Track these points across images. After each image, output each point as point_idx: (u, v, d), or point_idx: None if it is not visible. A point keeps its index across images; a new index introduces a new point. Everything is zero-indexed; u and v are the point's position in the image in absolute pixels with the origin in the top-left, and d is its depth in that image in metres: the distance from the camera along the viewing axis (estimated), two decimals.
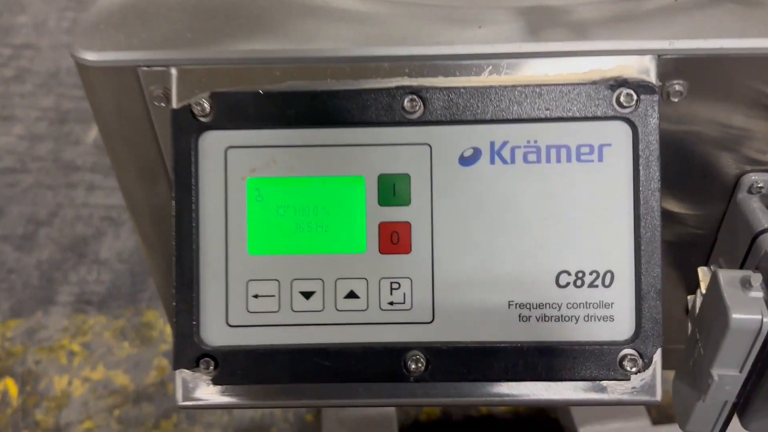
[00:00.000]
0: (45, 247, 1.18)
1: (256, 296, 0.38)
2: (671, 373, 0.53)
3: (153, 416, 0.95)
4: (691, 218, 0.46)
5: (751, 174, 0.44)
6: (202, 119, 0.37)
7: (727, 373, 0.39)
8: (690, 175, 0.44)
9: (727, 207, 0.45)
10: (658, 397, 0.39)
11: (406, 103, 0.37)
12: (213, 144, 0.38)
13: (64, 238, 1.20)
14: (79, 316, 1.07)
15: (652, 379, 0.39)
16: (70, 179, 1.29)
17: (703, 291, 0.44)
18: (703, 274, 0.45)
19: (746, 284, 0.38)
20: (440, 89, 0.37)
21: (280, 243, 0.38)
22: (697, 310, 0.44)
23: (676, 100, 0.39)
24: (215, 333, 0.38)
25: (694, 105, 0.40)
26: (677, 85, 0.39)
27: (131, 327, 1.05)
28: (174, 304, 0.37)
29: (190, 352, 0.37)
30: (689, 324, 0.46)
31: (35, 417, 0.95)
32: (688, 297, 0.48)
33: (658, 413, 0.82)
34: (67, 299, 1.09)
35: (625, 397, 0.39)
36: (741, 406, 0.42)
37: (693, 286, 0.50)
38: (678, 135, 0.41)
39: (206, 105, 0.37)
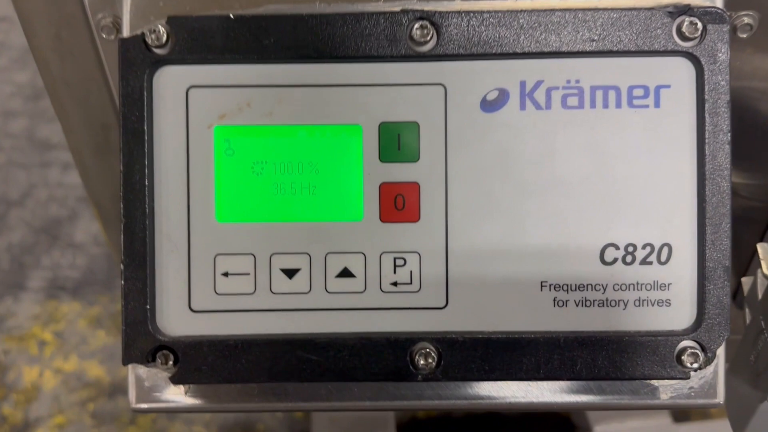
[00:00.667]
0: (16, 229, 1.14)
1: (225, 274, 0.32)
2: None
3: (129, 411, 0.90)
4: (746, 187, 0.41)
5: None
6: (158, 51, 0.31)
7: None
8: (748, 137, 0.39)
9: None
10: (721, 399, 0.33)
11: (415, 31, 0.31)
12: (171, 82, 0.31)
13: (36, 219, 1.16)
14: (52, 303, 1.04)
15: (713, 377, 0.33)
16: (44, 158, 1.25)
17: (765, 271, 0.38)
18: (764, 251, 0.39)
19: None
20: (458, 14, 0.31)
21: (256, 208, 0.32)
22: (760, 294, 0.37)
23: (744, 36, 0.34)
24: (175, 320, 0.32)
25: (763, 45, 0.35)
26: (746, 17, 0.33)
27: (107, 315, 1.01)
28: (122, 282, 0.30)
29: (143, 343, 0.31)
30: (746, 311, 0.39)
31: (2, 411, 0.91)
32: (742, 279, 0.42)
33: (679, 410, 0.76)
34: (39, 285, 1.06)
35: (681, 401, 0.33)
36: None
37: (743, 266, 0.44)
38: (738, 89, 0.36)
39: (162, 33, 0.31)
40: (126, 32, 0.31)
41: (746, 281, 0.41)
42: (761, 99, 0.37)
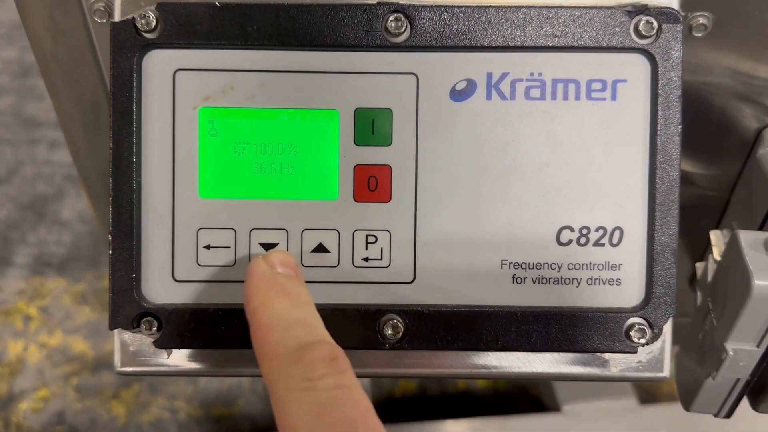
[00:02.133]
0: (2, 205, 1.13)
1: (207, 247, 0.33)
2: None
3: (113, 385, 0.92)
4: (701, 178, 0.42)
5: None
6: (147, 35, 0.32)
7: (744, 348, 0.36)
8: (703, 129, 0.40)
9: (744, 165, 0.42)
10: (667, 372, 0.35)
11: (390, 23, 0.32)
12: (159, 65, 0.33)
13: (23, 196, 1.15)
14: (37, 279, 1.04)
15: (660, 352, 0.35)
16: (31, 135, 1.24)
17: (716, 256, 0.40)
18: (716, 237, 0.41)
19: None
20: (431, 8, 0.32)
21: (238, 186, 0.33)
22: (709, 278, 0.40)
23: (699, 35, 0.35)
24: (159, 288, 0.33)
25: (717, 44, 0.36)
26: (701, 18, 0.35)
27: (92, 291, 1.01)
28: (110, 252, 0.32)
29: (128, 309, 0.32)
30: (698, 293, 0.42)
31: None
32: (696, 264, 0.44)
33: (645, 392, 0.79)
34: (25, 260, 1.06)
35: (630, 374, 0.34)
36: (753, 387, 0.38)
37: (699, 253, 0.46)
38: (693, 83, 0.38)
39: (152, 18, 0.32)
40: (117, 16, 0.32)
41: (700, 266, 0.43)
42: (716, 93, 0.38)
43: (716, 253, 0.41)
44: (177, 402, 0.90)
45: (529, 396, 0.83)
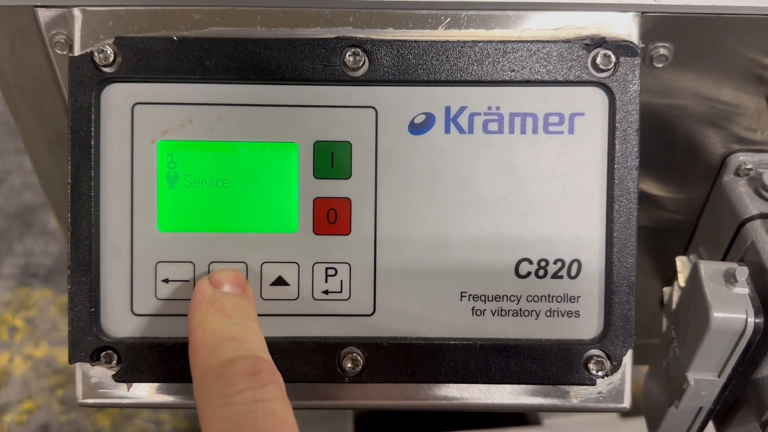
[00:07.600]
0: None
1: (166, 281, 0.33)
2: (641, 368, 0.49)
3: None
4: (670, 202, 0.43)
5: (739, 154, 0.40)
6: (105, 69, 0.32)
7: (705, 378, 0.36)
8: (670, 154, 0.41)
9: (711, 190, 0.42)
10: (627, 404, 0.35)
11: (348, 57, 0.32)
12: (118, 99, 0.33)
13: (10, 206, 1.15)
14: (24, 290, 1.04)
15: (620, 383, 0.35)
16: (19, 144, 1.24)
17: (681, 283, 0.40)
18: (682, 264, 0.41)
19: (730, 278, 0.34)
20: (388, 42, 0.32)
21: (196, 219, 0.33)
22: (674, 305, 0.40)
23: (660, 65, 0.35)
24: (118, 322, 0.33)
25: (679, 73, 0.36)
26: (662, 48, 0.35)
27: None
28: (69, 286, 0.32)
29: (87, 343, 0.33)
30: (664, 319, 0.42)
31: None
32: (664, 289, 0.44)
33: None
34: (11, 271, 1.06)
35: (590, 404, 0.35)
36: (718, 414, 0.38)
37: (669, 276, 0.46)
38: (659, 108, 0.38)
39: (110, 52, 0.32)
40: (77, 50, 0.32)
41: (667, 291, 0.43)
42: (682, 118, 0.38)
43: (681, 279, 0.41)
44: (162, 414, 0.89)
45: None
